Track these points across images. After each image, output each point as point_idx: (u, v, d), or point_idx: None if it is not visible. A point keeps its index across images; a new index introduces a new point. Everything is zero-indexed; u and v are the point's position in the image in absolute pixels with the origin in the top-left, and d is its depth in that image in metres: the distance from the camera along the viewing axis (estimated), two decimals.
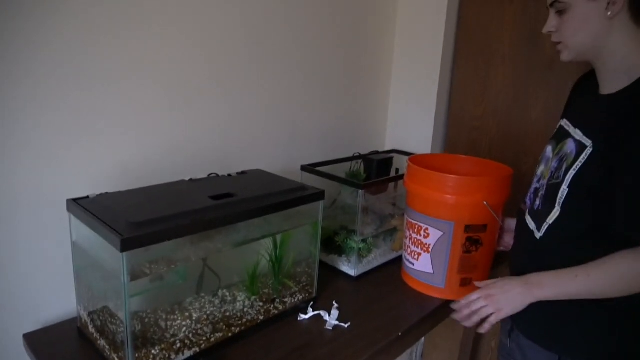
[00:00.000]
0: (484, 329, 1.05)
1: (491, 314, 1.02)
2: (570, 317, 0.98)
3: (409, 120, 1.88)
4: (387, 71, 1.89)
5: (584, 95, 1.08)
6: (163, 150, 1.22)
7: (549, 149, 1.09)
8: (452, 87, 1.84)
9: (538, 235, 1.02)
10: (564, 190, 0.95)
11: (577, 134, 0.97)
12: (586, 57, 0.98)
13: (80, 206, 0.92)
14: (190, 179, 1.14)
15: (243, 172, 1.25)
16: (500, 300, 1.01)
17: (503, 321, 1.18)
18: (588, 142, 0.93)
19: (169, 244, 0.87)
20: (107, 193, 1.00)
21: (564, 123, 1.08)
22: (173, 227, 0.86)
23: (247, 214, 0.99)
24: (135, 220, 0.84)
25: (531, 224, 1.05)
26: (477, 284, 1.11)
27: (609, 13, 0.88)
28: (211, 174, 1.20)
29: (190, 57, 1.22)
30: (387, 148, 1.91)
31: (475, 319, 1.05)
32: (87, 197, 0.98)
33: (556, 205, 0.97)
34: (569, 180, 0.94)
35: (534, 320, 1.04)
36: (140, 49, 1.12)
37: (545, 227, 1.00)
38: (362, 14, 1.70)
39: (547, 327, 1.01)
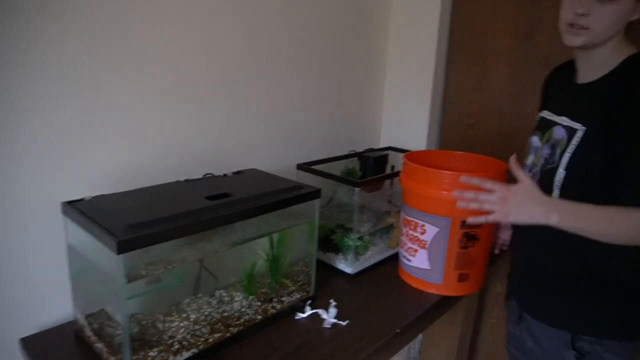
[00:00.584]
0: (477, 220, 1.00)
1: (494, 213, 0.97)
2: (579, 294, 1.02)
3: (404, 118, 1.88)
4: (382, 68, 1.89)
5: (560, 86, 1.14)
6: (158, 151, 1.22)
7: (535, 139, 1.14)
8: (447, 83, 1.84)
9: None
10: (560, 173, 1.00)
11: (565, 120, 1.03)
12: (593, 46, 0.99)
13: (75, 208, 0.92)
14: (186, 180, 1.14)
15: (239, 172, 1.24)
16: (512, 206, 0.96)
17: (510, 310, 1.22)
18: (577, 125, 0.99)
19: (166, 245, 0.87)
20: (102, 195, 0.99)
21: (545, 114, 1.13)
22: (169, 229, 0.85)
23: (243, 213, 0.99)
24: (131, 222, 0.84)
25: None
26: (492, 185, 1.00)
27: (635, 15, 0.95)
28: (207, 174, 1.20)
29: (185, 57, 1.22)
30: (382, 145, 1.91)
31: (474, 205, 1.00)
32: (82, 199, 0.97)
33: (554, 189, 1.01)
34: (566, 164, 0.99)
35: (544, 301, 1.08)
36: (133, 49, 1.11)
37: None
38: (356, 11, 1.70)
39: (558, 307, 1.05)
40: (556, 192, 1.01)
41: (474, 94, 1.77)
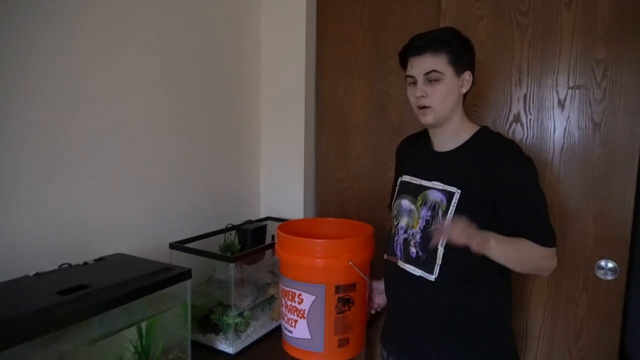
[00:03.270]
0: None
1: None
2: (468, 341, 1.14)
3: (281, 188, 1.93)
4: (256, 141, 1.95)
5: (416, 154, 1.28)
6: (2, 241, 1.09)
7: (406, 203, 1.22)
8: (317, 153, 1.96)
9: (432, 277, 1.13)
10: None
11: (438, 185, 1.15)
12: (441, 123, 1.17)
13: None
14: (37, 273, 1.03)
15: (101, 259, 1.16)
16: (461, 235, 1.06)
17: None
18: (453, 189, 1.12)
19: (6, 354, 0.77)
20: None
21: (408, 179, 1.25)
22: (5, 334, 0.75)
23: (101, 306, 0.92)
24: None
25: (417, 271, 1.16)
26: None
27: (463, 90, 1.15)
28: (63, 264, 1.10)
29: (40, 125, 1.14)
30: (262, 216, 1.93)
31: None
32: None
33: (439, 246, 1.11)
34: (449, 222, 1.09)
35: (438, 356, 1.16)
36: None
37: (437, 268, 1.12)
38: (228, 87, 1.76)
39: (465, 349, 1.15)
40: (440, 249, 1.12)
41: (342, 161, 1.91)
